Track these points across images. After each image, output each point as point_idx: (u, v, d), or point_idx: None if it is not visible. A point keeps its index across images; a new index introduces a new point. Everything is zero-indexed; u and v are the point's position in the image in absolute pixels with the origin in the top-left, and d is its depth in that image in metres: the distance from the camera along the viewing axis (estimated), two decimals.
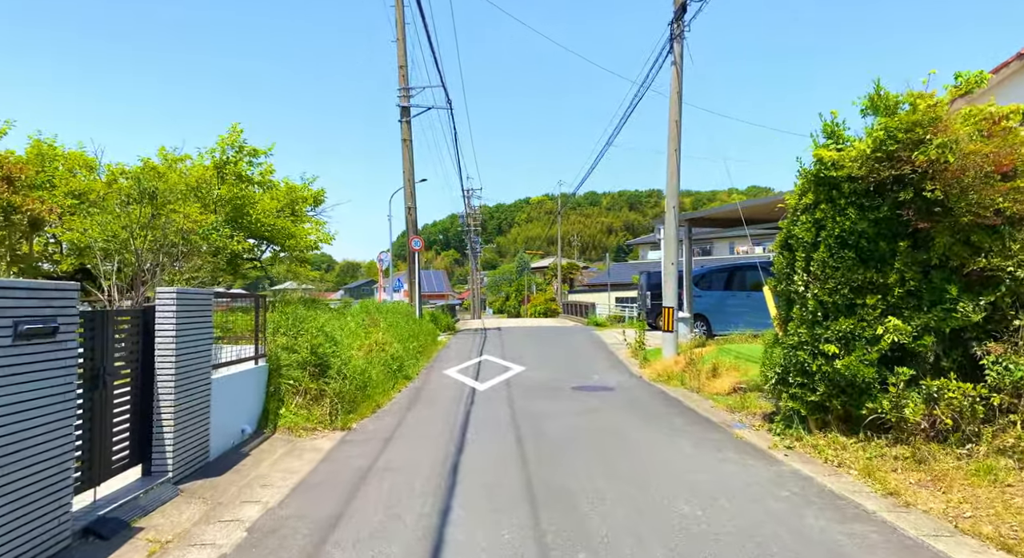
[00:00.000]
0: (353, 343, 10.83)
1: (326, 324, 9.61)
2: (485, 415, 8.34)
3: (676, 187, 12.29)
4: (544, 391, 10.04)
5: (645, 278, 21.89)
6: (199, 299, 5.91)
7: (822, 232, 6.43)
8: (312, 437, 7.47)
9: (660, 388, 10.37)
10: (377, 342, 11.48)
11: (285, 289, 30.05)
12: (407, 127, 19.21)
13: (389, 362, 10.94)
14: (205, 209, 12.62)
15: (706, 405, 8.90)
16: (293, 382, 8.09)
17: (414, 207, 19.63)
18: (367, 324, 12.79)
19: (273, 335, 8.68)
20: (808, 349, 6.45)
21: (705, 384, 10.00)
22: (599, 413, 8.29)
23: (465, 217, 52.06)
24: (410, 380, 11.40)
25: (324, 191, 15.80)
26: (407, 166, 19.34)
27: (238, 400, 7.04)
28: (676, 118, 12.15)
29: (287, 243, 13.92)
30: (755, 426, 7.49)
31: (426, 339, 16.04)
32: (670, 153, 12.28)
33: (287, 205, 14.83)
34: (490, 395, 9.87)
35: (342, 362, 8.85)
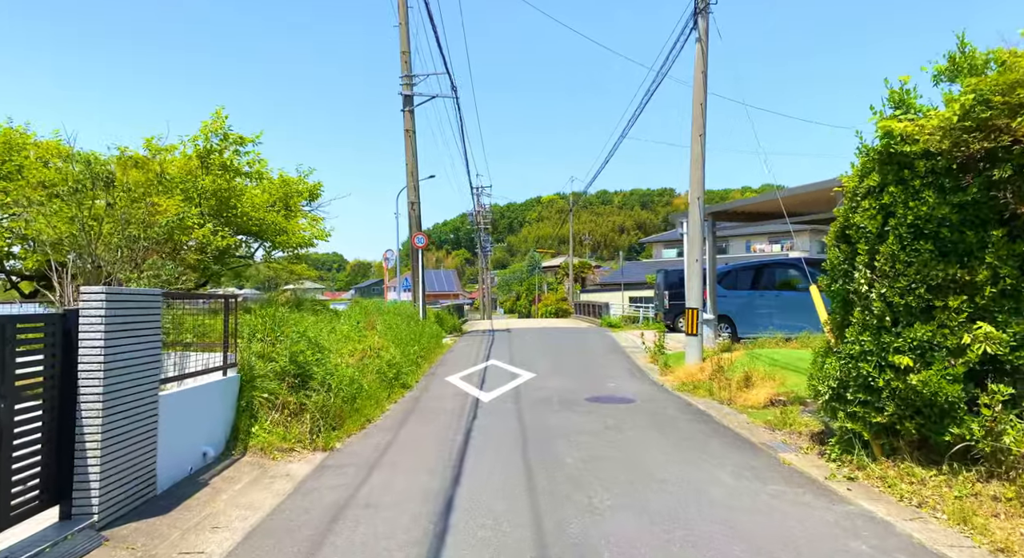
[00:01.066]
0: (344, 349, 9.82)
1: (311, 328, 8.61)
2: (489, 433, 7.30)
3: (701, 177, 11.19)
4: (556, 403, 8.98)
5: (662, 277, 20.77)
6: (140, 301, 4.91)
7: (891, 220, 5.33)
8: (288, 460, 6.47)
9: (685, 399, 9.28)
10: (372, 347, 10.47)
11: (294, 290, 29.24)
12: (410, 117, 18.20)
13: (384, 370, 9.92)
14: (189, 202, 11.68)
15: (740, 420, 7.81)
16: (269, 395, 7.09)
17: (418, 202, 18.61)
18: (362, 327, 11.79)
19: (249, 341, 7.69)
20: (873, 360, 5.36)
21: (737, 395, 8.91)
22: (619, 432, 7.22)
23: (475, 215, 51.06)
24: (408, 389, 10.38)
25: (321, 184, 14.83)
26: (410, 158, 18.34)
27: (199, 418, 6.05)
28: (701, 100, 11.05)
29: (277, 239, 12.95)
30: (803, 449, 6.39)
31: (429, 342, 15.03)
32: (694, 138, 11.18)
33: (280, 199, 13.87)
34: (496, 408, 8.83)
35: (327, 371, 7.84)
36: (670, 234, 62.59)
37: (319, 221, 15.01)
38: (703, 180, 11.21)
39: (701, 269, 11.28)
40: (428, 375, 12.00)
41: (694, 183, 11.22)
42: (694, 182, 11.22)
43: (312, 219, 14.82)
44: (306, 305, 13.29)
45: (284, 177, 14.23)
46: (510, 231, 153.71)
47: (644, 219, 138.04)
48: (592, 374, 11.74)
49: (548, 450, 6.44)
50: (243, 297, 14.32)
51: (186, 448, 5.74)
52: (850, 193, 5.85)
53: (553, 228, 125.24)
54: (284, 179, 14.21)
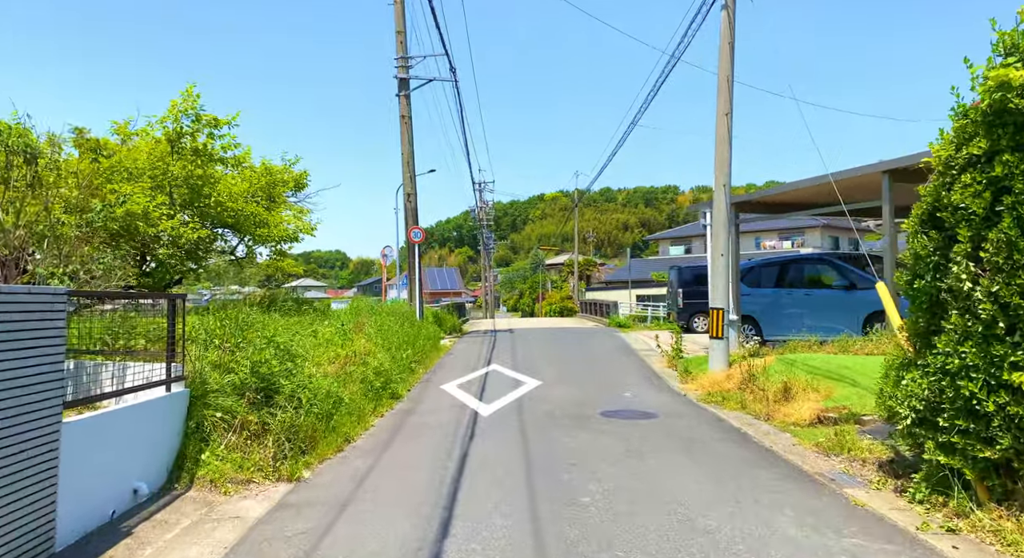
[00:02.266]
0: (324, 355, 8.65)
1: (283, 332, 7.44)
2: (488, 459, 6.12)
3: (727, 159, 9.98)
4: (566, 418, 7.80)
5: (676, 274, 19.58)
6: (30, 303, 3.74)
7: (1005, 197, 4.13)
8: (242, 494, 5.31)
9: (715, 413, 8.09)
10: (357, 353, 9.30)
11: (295, 287, 28.07)
12: (405, 102, 17.01)
13: (370, 378, 8.75)
14: (159, 190, 10.53)
15: (784, 442, 6.62)
16: (225, 414, 5.92)
17: (414, 194, 17.42)
18: (349, 329, 10.63)
19: (205, 348, 6.52)
20: (979, 378, 4.16)
21: (775, 409, 7.71)
22: (644, 458, 6.03)
23: (477, 212, 49.89)
24: (398, 400, 9.21)
25: (307, 173, 13.67)
26: (406, 147, 17.14)
27: (129, 447, 4.89)
28: (727, 73, 9.84)
29: (257, 232, 11.78)
30: (872, 483, 5.19)
31: (425, 344, 13.86)
32: (719, 117, 9.98)
33: (262, 189, 12.71)
34: (496, 424, 7.65)
35: (298, 384, 6.67)
36: (677, 231, 61.33)
37: (306, 213, 13.86)
38: (730, 164, 10.00)
39: (727, 264, 10.08)
40: (422, 382, 10.82)
41: (719, 167, 10.01)
42: (719, 166, 10.01)
43: (298, 211, 13.67)
44: (288, 304, 12.13)
45: (267, 165, 13.07)
46: (513, 229, 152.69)
47: (648, 217, 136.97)
48: (604, 382, 10.55)
49: (559, 484, 5.26)
50: (242, 296, 13.19)
51: (106, 487, 4.58)
52: (942, 166, 4.64)
53: (556, 226, 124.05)
54: (267, 167, 13.06)
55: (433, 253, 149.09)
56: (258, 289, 14.03)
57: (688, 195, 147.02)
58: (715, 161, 10.12)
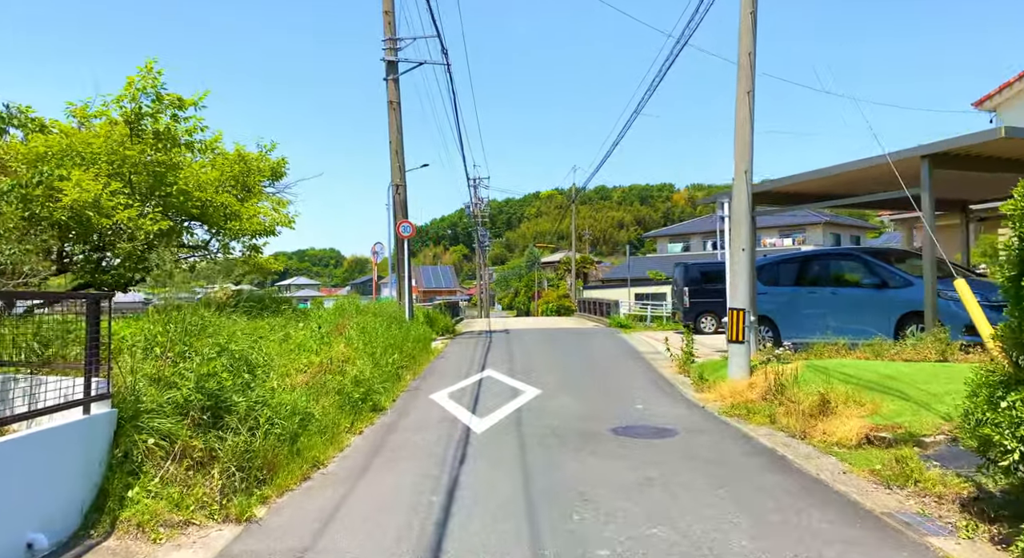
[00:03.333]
0: (295, 363, 7.60)
1: (241, 337, 6.39)
2: (480, 493, 5.09)
3: (749, 143, 8.96)
4: (571, 436, 6.78)
5: (681, 271, 18.57)
6: None
7: None
8: (176, 542, 4.28)
9: (741, 429, 7.08)
10: (335, 359, 8.25)
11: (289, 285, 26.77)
12: (394, 87, 15.93)
13: (348, 389, 7.71)
14: (119, 177, 9.46)
15: (830, 466, 5.62)
16: (162, 439, 4.88)
17: (403, 185, 16.35)
18: (327, 332, 9.59)
19: (143, 359, 5.47)
20: None
21: (811, 426, 6.70)
22: (668, 490, 5.00)
23: (472, 208, 48.83)
24: (380, 413, 8.16)
25: (285, 161, 12.61)
26: (394, 135, 16.07)
27: (23, 488, 3.85)
28: (748, 49, 8.84)
29: (227, 225, 10.71)
30: (960, 529, 4.18)
31: (414, 348, 12.81)
32: (739, 98, 8.96)
33: (235, 177, 11.64)
34: (492, 443, 6.62)
35: (256, 399, 5.63)
36: (675, 228, 60.44)
37: (284, 205, 12.78)
38: (751, 148, 8.98)
39: (749, 260, 9.07)
40: (409, 391, 9.78)
41: (739, 152, 9.00)
42: (739, 151, 9.00)
43: (276, 203, 12.59)
44: (262, 302, 11.06)
45: (241, 152, 11.99)
46: (508, 227, 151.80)
47: (644, 215, 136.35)
48: (611, 390, 9.53)
49: (568, 527, 4.24)
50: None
51: None
52: None
53: (552, 224, 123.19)
54: (241, 154, 11.97)
55: (428, 251, 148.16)
56: (234, 286, 12.95)
57: (683, 193, 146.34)
58: (735, 145, 9.10)
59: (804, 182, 10.08)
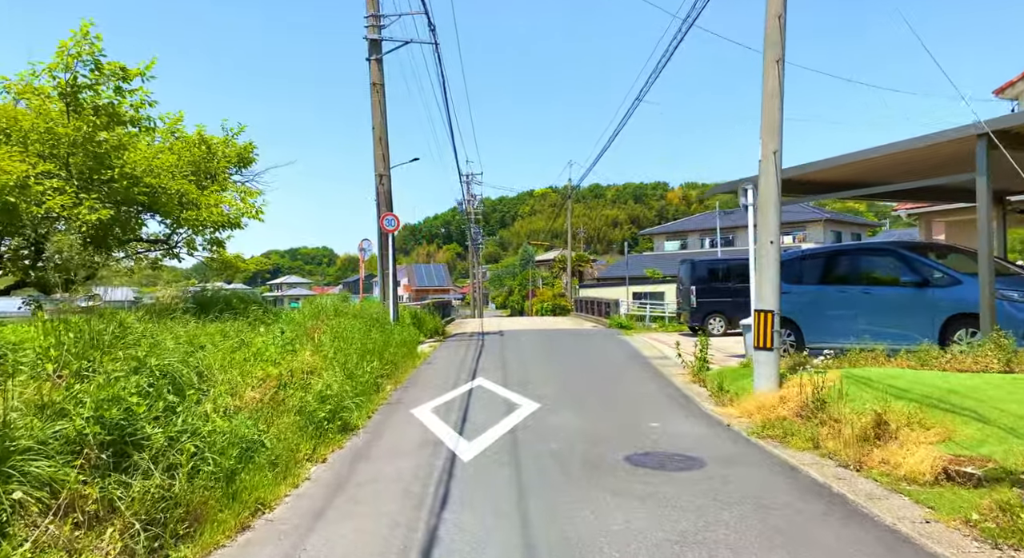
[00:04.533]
0: (249, 376, 6.38)
1: (167, 349, 5.17)
2: (467, 552, 3.89)
3: (778, 119, 7.79)
4: (578, 466, 5.60)
5: (687, 269, 17.40)
6: None
7: None
8: None
9: (780, 456, 5.90)
10: (297, 370, 7.04)
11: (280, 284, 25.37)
12: (377, 67, 14.69)
13: (312, 407, 6.50)
14: (54, 159, 8.21)
15: (906, 512, 4.45)
16: (41, 488, 3.67)
17: (388, 175, 15.09)
18: (295, 337, 8.38)
19: (26, 381, 4.25)
20: None
21: (866, 453, 5.55)
22: (708, 551, 3.82)
23: (464, 205, 47.57)
24: (351, 433, 6.96)
25: (253, 146, 11.36)
26: (377, 120, 14.83)
27: None
28: (778, 11, 7.68)
29: (183, 215, 9.47)
30: None
31: (397, 353, 11.60)
32: (767, 66, 7.79)
33: (195, 163, 10.41)
34: (482, 477, 5.42)
35: (180, 429, 4.42)
36: (672, 225, 59.37)
37: (254, 195, 11.53)
38: (781, 125, 7.81)
39: (777, 254, 7.90)
40: (388, 405, 8.56)
41: (768, 130, 7.82)
42: (768, 128, 7.82)
43: (245, 193, 11.35)
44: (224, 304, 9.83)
45: (203, 134, 10.75)
46: (502, 225, 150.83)
47: (638, 213, 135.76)
48: (620, 403, 8.35)
49: None
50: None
51: None
52: None
53: (546, 222, 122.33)
54: (203, 137, 10.73)
55: (421, 249, 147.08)
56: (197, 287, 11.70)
57: (677, 191, 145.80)
58: (762, 122, 7.93)
59: (834, 168, 8.91)
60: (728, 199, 70.88)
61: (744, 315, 16.40)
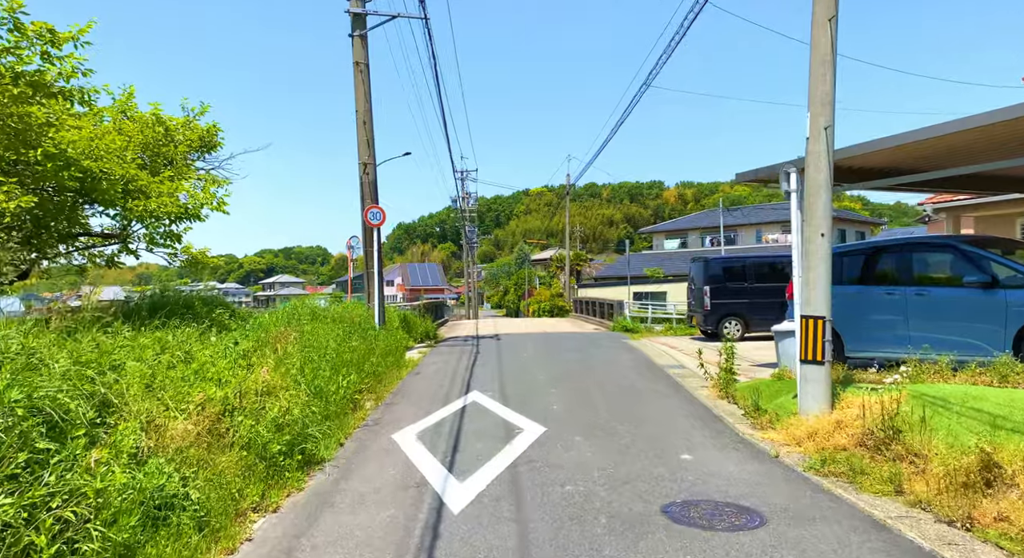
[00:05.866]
0: (183, 401, 5.05)
1: (33, 377, 3.84)
2: None
3: (830, 89, 6.51)
4: (602, 523, 4.31)
5: (700, 268, 16.12)
6: None
7: None
8: None
9: (858, 506, 4.62)
10: (249, 391, 5.72)
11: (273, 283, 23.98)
12: (360, 44, 13.37)
13: (263, 438, 5.19)
14: None
15: None
16: None
17: (373, 163, 13.76)
18: (253, 348, 7.08)
19: None
20: None
21: (974, 503, 4.29)
22: None
23: (459, 201, 46.22)
24: (317, 468, 5.66)
25: (218, 127, 10.02)
26: (361, 103, 13.51)
27: None
28: None
29: (129, 204, 8.15)
30: None
31: (381, 362, 10.28)
32: (816, 27, 6.52)
33: (147, 145, 9.07)
34: (477, 541, 4.13)
35: (38, 496, 3.11)
36: (672, 224, 58.16)
37: (222, 184, 10.19)
38: (833, 96, 6.53)
39: (828, 249, 6.62)
40: (366, 427, 7.25)
41: (817, 102, 6.54)
42: (817, 100, 6.54)
43: (209, 181, 10.01)
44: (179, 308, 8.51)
45: (157, 114, 9.42)
46: (497, 224, 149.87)
47: (633, 212, 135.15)
48: (641, 427, 7.06)
49: None
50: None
51: None
52: None
53: (541, 221, 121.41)
54: (158, 116, 9.41)
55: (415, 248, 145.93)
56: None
57: (673, 191, 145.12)
58: (810, 93, 6.64)
59: (887, 150, 7.61)
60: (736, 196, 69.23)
61: (764, 317, 15.20)
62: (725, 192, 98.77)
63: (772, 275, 15.59)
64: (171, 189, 8.66)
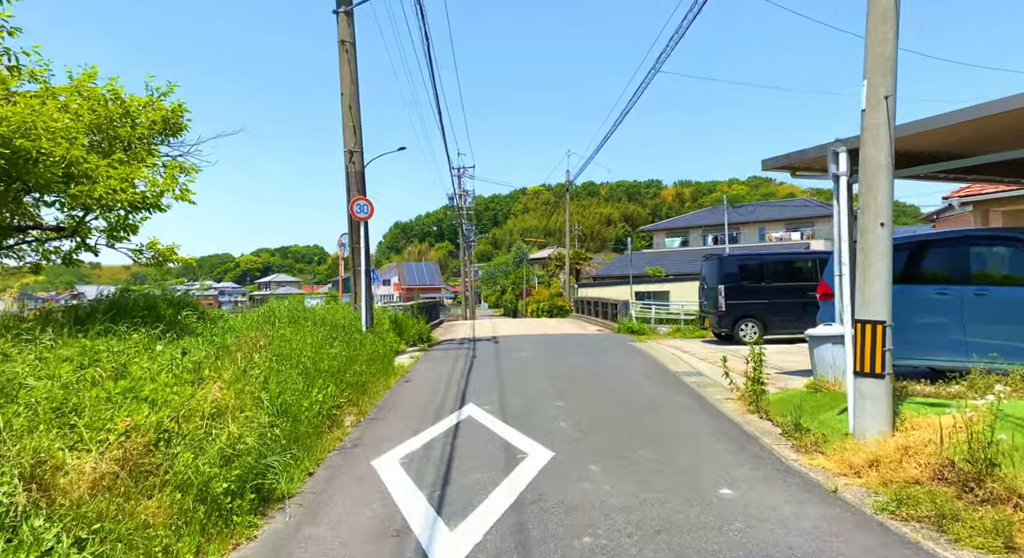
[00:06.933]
0: (104, 428, 4.01)
1: None
2: None
3: (892, 52, 5.48)
4: None
5: (714, 266, 15.08)
6: None
7: None
8: None
9: None
10: (194, 413, 4.67)
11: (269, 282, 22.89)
12: (346, 21, 12.30)
13: (206, 474, 4.13)
14: None
15: None
16: None
17: (360, 152, 12.69)
18: (207, 359, 6.02)
19: None
20: None
21: None
22: None
23: (456, 199, 45.12)
24: (275, 507, 4.62)
25: (184, 107, 8.95)
26: (347, 85, 12.44)
27: None
28: None
29: (72, 189, 7.10)
30: None
31: (366, 371, 9.22)
32: None
33: (99, 126, 8.02)
34: None
35: None
36: (672, 221, 57.14)
37: (190, 172, 9.12)
38: (895, 59, 5.51)
39: (889, 242, 5.60)
40: (343, 451, 6.20)
41: (876, 65, 5.50)
42: (876, 63, 5.50)
43: (174, 168, 8.95)
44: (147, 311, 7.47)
45: (115, 91, 8.37)
46: (494, 223, 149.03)
47: (631, 211, 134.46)
48: (666, 451, 6.02)
49: None
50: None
51: None
52: None
53: (539, 220, 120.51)
54: (115, 93, 8.36)
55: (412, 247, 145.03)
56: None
57: (671, 190, 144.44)
58: (867, 57, 5.61)
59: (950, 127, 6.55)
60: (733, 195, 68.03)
61: (783, 319, 14.16)
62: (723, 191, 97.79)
63: (791, 274, 14.60)
64: (124, 174, 7.59)
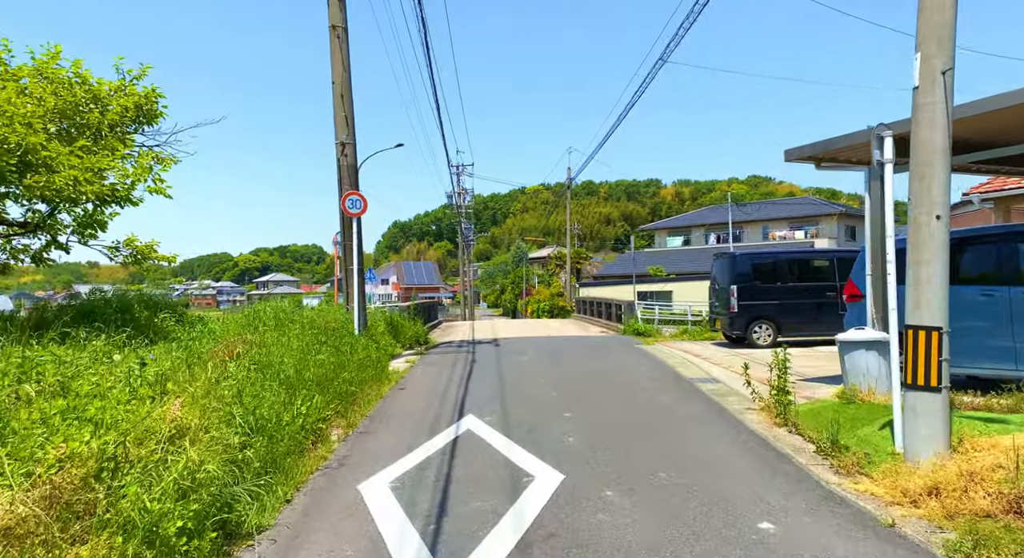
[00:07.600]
0: (33, 458, 3.34)
1: None
2: None
3: (950, 15, 4.83)
4: None
5: (725, 265, 14.41)
6: None
7: None
8: None
9: None
10: (149, 435, 4.00)
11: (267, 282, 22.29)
12: (337, 6, 11.55)
13: (155, 513, 3.45)
14: None
15: None
16: None
17: (352, 144, 12.01)
18: (171, 371, 5.36)
19: None
20: None
21: None
22: None
23: (455, 197, 44.44)
24: (245, 544, 3.96)
25: (158, 93, 8.28)
26: (339, 73, 11.76)
27: None
28: None
29: (27, 181, 6.45)
30: None
31: (356, 378, 8.55)
32: None
33: (63, 112, 7.36)
34: None
35: None
36: (674, 220, 56.49)
37: (168, 164, 8.47)
38: (954, 29, 4.85)
39: (946, 237, 4.94)
40: (327, 471, 5.52)
41: (932, 36, 4.85)
42: (931, 34, 4.85)
43: (147, 157, 8.29)
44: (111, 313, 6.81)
45: (81, 74, 7.71)
46: (494, 223, 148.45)
47: (631, 210, 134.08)
48: (693, 475, 5.36)
49: None
50: None
51: None
52: None
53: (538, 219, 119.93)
54: (82, 77, 7.70)
55: (411, 247, 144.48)
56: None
57: (671, 189, 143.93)
58: (919, 28, 4.96)
59: None
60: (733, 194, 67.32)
61: (799, 321, 13.48)
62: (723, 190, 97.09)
63: (807, 274, 13.95)
64: (89, 163, 6.93)
